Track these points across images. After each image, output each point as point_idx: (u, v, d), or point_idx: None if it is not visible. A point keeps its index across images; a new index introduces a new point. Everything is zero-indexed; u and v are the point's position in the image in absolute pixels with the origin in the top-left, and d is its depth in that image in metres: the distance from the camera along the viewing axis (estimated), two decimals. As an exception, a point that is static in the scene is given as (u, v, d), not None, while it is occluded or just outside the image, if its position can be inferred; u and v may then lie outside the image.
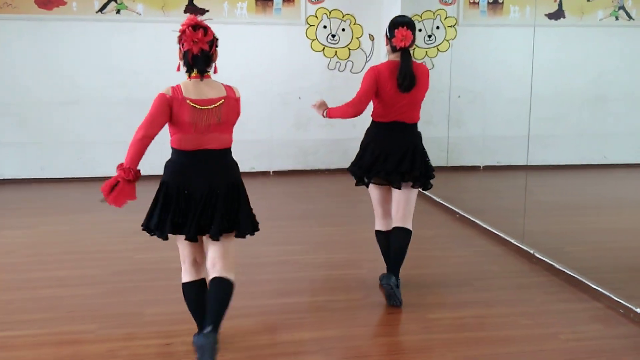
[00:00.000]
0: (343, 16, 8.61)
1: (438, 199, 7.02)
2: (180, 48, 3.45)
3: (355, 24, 8.64)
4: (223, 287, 3.49)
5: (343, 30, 8.64)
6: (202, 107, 3.38)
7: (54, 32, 7.86)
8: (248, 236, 3.66)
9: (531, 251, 5.22)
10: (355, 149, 8.99)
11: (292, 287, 4.67)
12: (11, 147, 7.96)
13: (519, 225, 5.54)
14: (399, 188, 4.38)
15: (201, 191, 3.42)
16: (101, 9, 7.91)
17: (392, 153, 4.35)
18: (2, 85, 7.83)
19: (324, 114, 4.48)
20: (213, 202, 3.43)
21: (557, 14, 6.97)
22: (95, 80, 8.02)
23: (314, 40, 8.57)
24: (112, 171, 3.48)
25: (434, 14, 8.06)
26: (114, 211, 6.63)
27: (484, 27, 7.91)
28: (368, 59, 8.73)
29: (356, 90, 8.83)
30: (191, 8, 8.10)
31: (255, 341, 3.83)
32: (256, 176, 8.43)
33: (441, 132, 7.53)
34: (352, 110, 4.40)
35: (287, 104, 8.56)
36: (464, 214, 6.41)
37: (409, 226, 4.41)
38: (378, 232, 4.62)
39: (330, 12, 8.58)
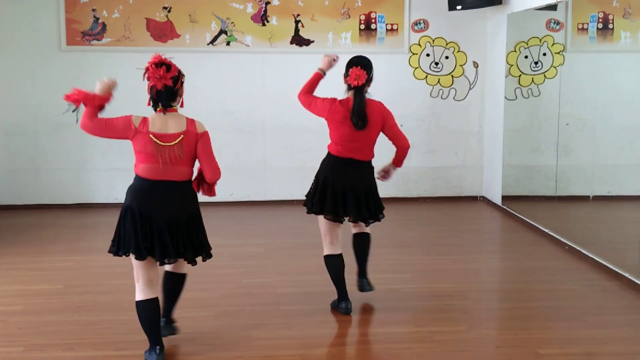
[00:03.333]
0: (447, 44, 8.59)
1: (546, 230, 6.83)
2: (148, 84, 3.74)
3: (459, 51, 8.60)
4: (177, 281, 4.03)
5: (446, 57, 8.61)
6: (164, 144, 3.64)
7: (168, 64, 8.23)
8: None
9: (647, 286, 4.99)
10: (458, 176, 8.95)
11: (396, 316, 4.66)
12: (126, 173, 8.31)
13: (633, 258, 5.31)
14: (356, 222, 4.70)
15: (161, 218, 3.67)
16: (212, 41, 8.24)
17: (350, 193, 4.50)
18: (119, 114, 8.21)
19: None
20: (173, 229, 3.69)
21: (672, 39, 6.69)
22: (206, 108, 8.33)
23: (416, 68, 8.58)
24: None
25: (540, 40, 7.91)
26: (222, 236, 6.86)
27: (594, 54, 7.69)
28: (472, 86, 8.66)
29: (459, 117, 8.75)
30: (297, 39, 8.30)
31: (360, 369, 3.85)
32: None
33: (549, 161, 7.34)
34: (300, 96, 4.73)
35: (390, 131, 8.58)
36: (573, 246, 6.20)
37: (367, 231, 4.79)
38: (328, 257, 4.69)
39: (433, 40, 8.57)
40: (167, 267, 3.99)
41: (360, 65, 4.47)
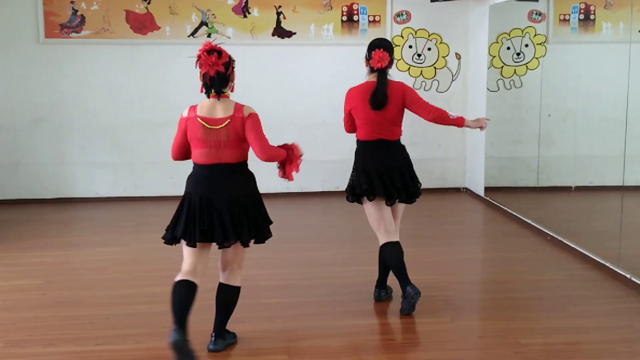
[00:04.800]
0: (429, 35, 8.57)
1: (528, 221, 6.85)
2: (200, 71, 3.77)
3: (441, 43, 8.59)
4: (229, 294, 3.96)
5: (429, 49, 8.60)
6: (211, 127, 3.71)
7: (148, 56, 8.16)
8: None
9: (628, 275, 5.01)
10: (442, 168, 8.93)
11: (378, 307, 4.65)
12: (106, 167, 8.27)
13: (614, 248, 5.34)
14: (406, 202, 4.65)
15: (221, 201, 3.72)
16: (193, 33, 8.17)
17: (395, 171, 4.53)
18: (98, 108, 8.17)
19: None
20: (233, 210, 3.73)
21: (653, 30, 6.72)
22: (188, 102, 8.24)
23: (399, 60, 8.56)
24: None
25: (522, 31, 7.92)
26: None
27: (575, 44, 7.71)
28: (454, 77, 8.65)
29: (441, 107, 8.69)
30: (279, 30, 8.25)
31: (342, 362, 3.84)
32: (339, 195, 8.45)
33: (531, 152, 7.36)
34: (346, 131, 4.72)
35: (373, 123, 8.57)
36: (555, 236, 6.22)
37: (397, 238, 4.59)
38: (385, 246, 4.64)
39: (416, 32, 8.56)
40: (221, 279, 3.98)
41: (383, 47, 4.50)
